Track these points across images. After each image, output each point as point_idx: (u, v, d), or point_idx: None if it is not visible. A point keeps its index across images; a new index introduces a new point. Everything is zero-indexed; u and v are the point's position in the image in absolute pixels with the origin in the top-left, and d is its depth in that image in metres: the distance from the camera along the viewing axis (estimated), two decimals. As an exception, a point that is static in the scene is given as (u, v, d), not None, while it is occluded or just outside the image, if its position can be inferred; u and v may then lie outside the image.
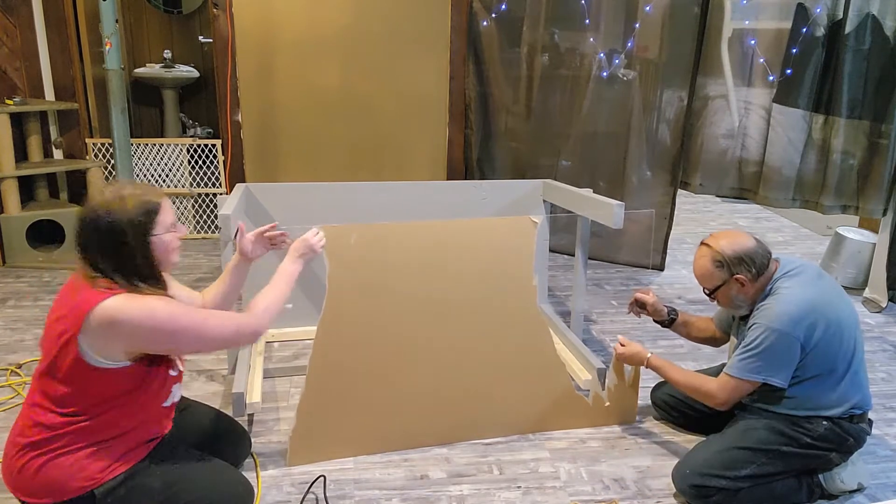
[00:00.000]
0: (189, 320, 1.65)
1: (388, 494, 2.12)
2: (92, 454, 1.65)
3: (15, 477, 1.65)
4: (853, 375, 2.07)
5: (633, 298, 2.49)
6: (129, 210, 1.61)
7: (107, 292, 1.58)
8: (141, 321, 1.57)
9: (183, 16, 5.55)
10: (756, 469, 2.05)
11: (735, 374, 2.06)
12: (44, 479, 1.62)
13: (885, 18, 3.40)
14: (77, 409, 1.62)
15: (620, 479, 2.23)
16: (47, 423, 1.62)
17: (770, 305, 2.04)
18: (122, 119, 2.99)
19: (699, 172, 3.92)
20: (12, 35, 3.90)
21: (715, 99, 3.82)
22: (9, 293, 3.54)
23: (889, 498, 2.16)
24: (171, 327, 1.62)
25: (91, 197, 1.65)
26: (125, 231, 1.60)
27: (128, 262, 1.62)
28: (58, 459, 1.62)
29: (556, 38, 4.11)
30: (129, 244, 1.61)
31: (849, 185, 3.66)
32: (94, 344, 1.57)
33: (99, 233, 1.60)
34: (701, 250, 2.16)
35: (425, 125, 4.33)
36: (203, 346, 1.79)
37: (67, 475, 1.62)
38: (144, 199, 1.64)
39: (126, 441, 1.70)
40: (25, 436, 1.64)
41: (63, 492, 1.63)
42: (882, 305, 3.67)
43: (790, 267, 2.11)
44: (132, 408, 1.68)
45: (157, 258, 1.66)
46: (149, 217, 1.63)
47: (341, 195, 3.06)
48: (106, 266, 1.61)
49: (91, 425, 1.64)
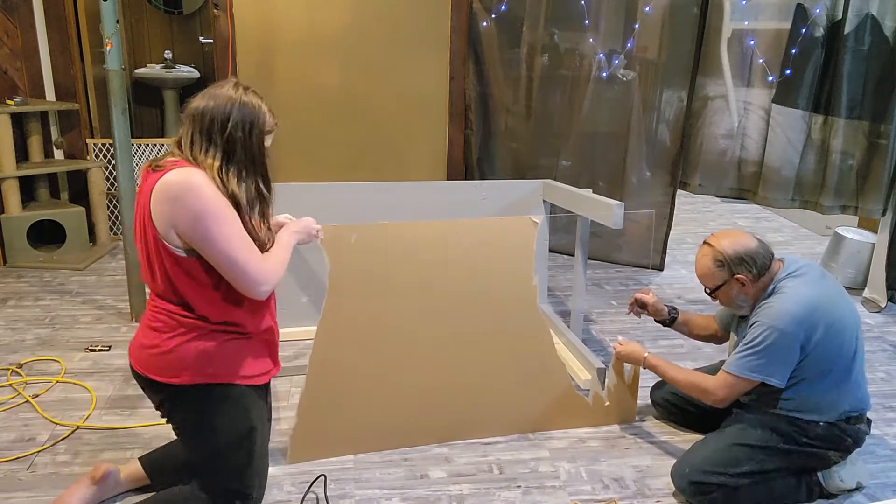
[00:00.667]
0: (229, 230, 1.68)
1: (389, 494, 2.13)
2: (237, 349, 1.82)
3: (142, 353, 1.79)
4: (852, 377, 2.07)
5: (632, 299, 2.50)
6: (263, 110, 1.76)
7: (167, 168, 1.67)
8: (193, 202, 1.65)
9: (183, 16, 5.55)
10: (755, 466, 2.06)
11: (733, 372, 2.06)
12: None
13: (884, 19, 3.41)
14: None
15: (620, 478, 2.24)
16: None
17: (772, 304, 2.05)
18: (122, 119, 2.99)
19: (698, 172, 3.92)
20: (13, 35, 3.90)
21: (714, 99, 3.82)
22: (9, 293, 3.54)
23: (888, 497, 2.17)
24: (212, 222, 1.66)
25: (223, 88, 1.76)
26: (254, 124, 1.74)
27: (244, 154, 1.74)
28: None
29: (556, 38, 4.11)
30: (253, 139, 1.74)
31: (848, 186, 3.67)
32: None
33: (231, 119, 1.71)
34: (703, 249, 2.17)
35: (425, 125, 4.33)
36: (224, 260, 1.71)
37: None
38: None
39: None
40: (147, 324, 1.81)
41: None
42: (881, 305, 3.67)
43: (794, 267, 2.11)
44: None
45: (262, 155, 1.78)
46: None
47: (341, 195, 3.06)
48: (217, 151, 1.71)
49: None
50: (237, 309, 1.80)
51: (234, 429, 1.80)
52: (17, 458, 2.24)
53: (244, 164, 1.74)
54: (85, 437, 2.37)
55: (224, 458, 1.81)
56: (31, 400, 2.57)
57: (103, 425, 2.44)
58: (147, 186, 1.70)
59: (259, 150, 1.76)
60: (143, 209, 1.71)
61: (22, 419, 2.46)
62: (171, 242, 1.69)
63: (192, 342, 1.75)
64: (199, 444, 1.83)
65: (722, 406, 2.13)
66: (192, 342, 1.75)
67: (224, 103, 1.72)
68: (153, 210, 1.67)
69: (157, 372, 1.76)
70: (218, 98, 1.73)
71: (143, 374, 1.79)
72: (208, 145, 1.71)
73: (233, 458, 1.81)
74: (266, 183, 1.79)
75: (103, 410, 2.53)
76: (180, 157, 1.73)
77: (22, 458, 2.24)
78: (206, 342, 1.76)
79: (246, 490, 1.83)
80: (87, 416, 2.48)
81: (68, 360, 2.87)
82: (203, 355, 1.76)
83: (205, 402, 1.79)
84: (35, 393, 2.63)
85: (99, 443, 2.34)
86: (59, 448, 2.31)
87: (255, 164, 1.76)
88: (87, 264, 3.95)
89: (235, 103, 1.72)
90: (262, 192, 1.78)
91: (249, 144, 1.74)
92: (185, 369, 1.76)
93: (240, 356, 1.82)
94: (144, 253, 1.76)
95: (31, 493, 2.09)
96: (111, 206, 4.36)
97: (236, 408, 1.81)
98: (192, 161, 1.71)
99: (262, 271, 1.73)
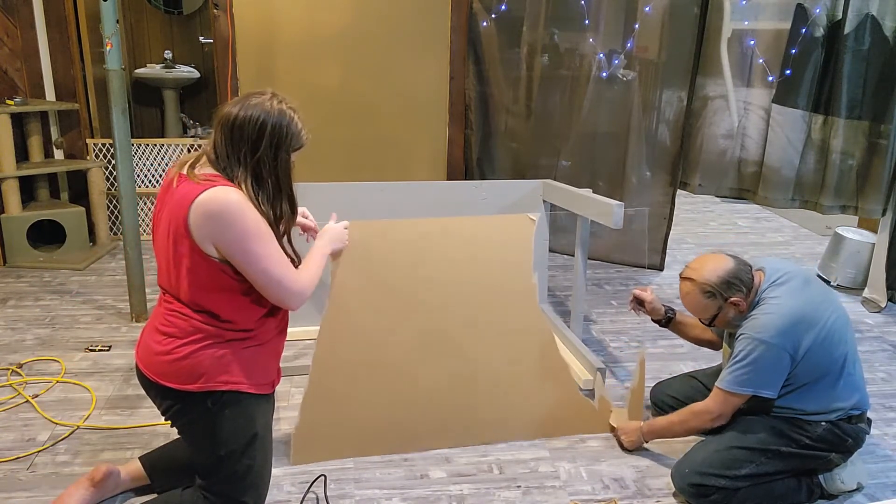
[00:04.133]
0: (267, 249, 1.71)
1: (389, 494, 2.13)
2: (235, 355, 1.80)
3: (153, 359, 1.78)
4: (847, 378, 2.07)
5: (632, 295, 2.50)
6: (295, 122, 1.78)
7: (208, 184, 1.67)
8: (234, 220, 1.66)
9: (183, 16, 5.55)
10: (755, 469, 2.05)
11: (724, 388, 2.07)
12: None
13: (884, 19, 3.40)
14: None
15: (620, 478, 2.24)
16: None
17: (756, 317, 2.04)
18: (122, 119, 2.99)
19: (698, 173, 3.92)
20: (13, 35, 3.90)
21: (714, 99, 3.82)
22: (9, 293, 3.54)
23: (888, 497, 2.17)
24: (254, 243, 1.69)
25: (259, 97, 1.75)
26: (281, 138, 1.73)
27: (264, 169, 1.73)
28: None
29: (556, 38, 4.11)
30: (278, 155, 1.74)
31: (848, 186, 3.66)
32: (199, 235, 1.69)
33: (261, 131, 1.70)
34: (685, 286, 2.14)
35: (425, 125, 4.33)
36: (262, 276, 1.75)
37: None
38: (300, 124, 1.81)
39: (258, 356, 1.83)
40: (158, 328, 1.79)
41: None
42: (881, 305, 3.67)
43: (776, 276, 2.09)
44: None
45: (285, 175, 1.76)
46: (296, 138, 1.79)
47: (341, 195, 3.06)
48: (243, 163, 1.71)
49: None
50: (260, 316, 1.82)
51: (238, 436, 1.80)
52: (17, 458, 2.24)
53: (272, 186, 1.74)
54: (85, 437, 2.37)
55: (227, 465, 1.80)
56: (31, 400, 2.57)
57: (103, 425, 2.44)
58: (181, 195, 1.68)
59: (285, 173, 1.76)
60: (175, 218, 1.69)
61: (22, 419, 2.46)
62: (208, 252, 1.70)
63: (207, 349, 1.75)
64: (202, 450, 1.82)
65: (722, 422, 2.13)
66: (208, 349, 1.75)
67: (256, 119, 1.70)
68: (192, 224, 1.66)
69: (168, 378, 1.76)
70: (249, 109, 1.71)
71: (152, 378, 1.78)
72: (237, 163, 1.71)
73: (236, 465, 1.81)
74: (292, 203, 1.80)
75: (103, 410, 2.53)
76: (216, 170, 1.72)
77: (22, 458, 2.24)
78: (221, 349, 1.76)
79: (247, 497, 1.83)
80: (87, 416, 2.48)
81: (68, 360, 2.88)
82: (217, 363, 1.76)
83: (213, 410, 1.78)
84: (35, 393, 2.63)
85: (99, 443, 2.34)
86: (59, 448, 2.31)
87: (280, 187, 1.76)
88: (87, 264, 3.95)
89: (267, 120, 1.71)
90: (287, 211, 1.79)
91: (275, 166, 1.74)
92: (199, 377, 1.75)
93: (251, 365, 1.82)
94: (170, 259, 1.74)
95: (31, 493, 2.09)
96: (111, 206, 4.36)
97: (243, 416, 1.81)
98: (225, 175, 1.71)
99: (298, 285, 1.78)
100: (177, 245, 1.71)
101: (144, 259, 3.24)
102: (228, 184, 1.69)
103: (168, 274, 1.77)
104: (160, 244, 1.77)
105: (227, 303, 1.76)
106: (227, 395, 1.78)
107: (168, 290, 1.80)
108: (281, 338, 1.94)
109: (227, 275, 1.73)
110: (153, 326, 1.81)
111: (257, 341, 1.84)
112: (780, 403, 2.08)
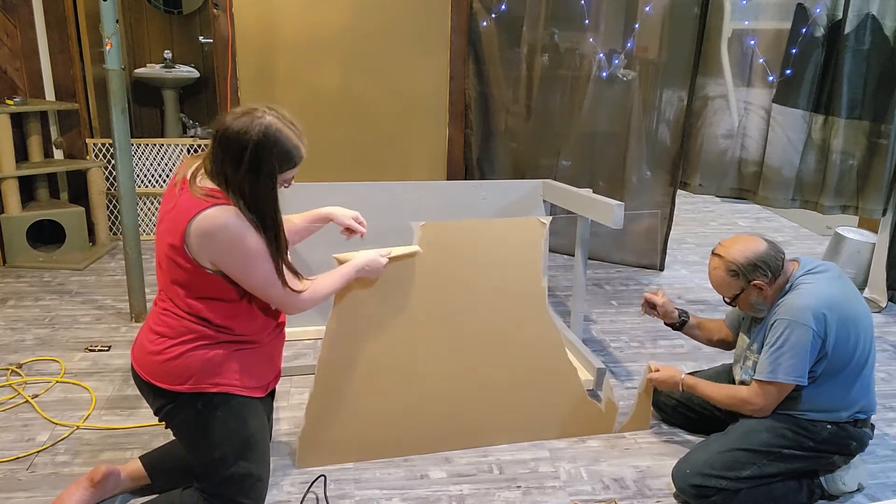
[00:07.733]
0: (265, 268, 1.72)
1: (389, 494, 2.12)
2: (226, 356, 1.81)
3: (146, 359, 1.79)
4: (864, 379, 2.06)
5: (644, 298, 2.47)
6: (291, 141, 1.73)
7: (209, 200, 1.66)
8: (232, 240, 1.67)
9: (183, 16, 5.55)
10: (757, 470, 2.05)
11: (765, 378, 2.03)
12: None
13: (884, 18, 3.40)
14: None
15: (620, 478, 2.23)
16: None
17: (790, 300, 2.03)
18: (122, 119, 2.99)
19: (699, 172, 3.92)
20: (13, 35, 3.90)
21: (714, 99, 3.82)
22: (9, 293, 3.54)
23: (889, 498, 2.16)
24: (251, 264, 1.71)
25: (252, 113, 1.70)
26: (270, 159, 1.69)
27: (253, 187, 1.69)
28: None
29: (556, 38, 4.11)
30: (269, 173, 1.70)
31: (848, 186, 3.66)
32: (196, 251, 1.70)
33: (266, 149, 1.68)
34: (713, 261, 2.13)
35: (425, 125, 4.33)
36: (261, 292, 1.78)
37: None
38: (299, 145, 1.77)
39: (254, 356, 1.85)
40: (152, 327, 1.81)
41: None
42: (881, 305, 3.67)
43: (812, 266, 2.10)
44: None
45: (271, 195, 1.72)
46: (290, 161, 1.75)
47: (341, 195, 3.06)
48: (235, 180, 1.68)
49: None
50: (255, 321, 1.82)
51: (231, 439, 1.80)
52: (17, 458, 2.24)
53: (258, 213, 1.70)
54: (85, 438, 2.37)
55: (222, 467, 1.80)
56: (30, 400, 2.57)
57: (103, 425, 2.44)
58: (182, 208, 1.67)
59: (265, 199, 1.70)
60: (174, 231, 1.68)
61: (22, 419, 2.46)
62: (205, 266, 1.70)
63: (198, 350, 1.75)
64: (196, 451, 1.82)
65: (763, 415, 2.09)
66: (199, 350, 1.75)
67: (239, 139, 1.66)
68: (190, 242, 1.66)
69: (159, 378, 1.76)
70: (238, 126, 1.66)
71: (145, 378, 1.78)
72: (224, 181, 1.69)
73: (231, 467, 1.80)
74: (276, 232, 1.74)
75: (103, 411, 2.53)
76: (214, 185, 1.70)
77: (22, 459, 2.24)
78: (213, 351, 1.77)
79: (246, 499, 1.83)
80: (87, 417, 2.48)
81: (68, 361, 2.87)
82: (208, 364, 1.76)
83: (204, 411, 1.78)
84: (35, 393, 2.62)
85: (99, 443, 2.34)
86: (59, 448, 2.30)
87: (264, 214, 1.71)
88: (87, 264, 3.95)
89: (248, 143, 1.65)
90: (272, 239, 1.74)
91: (255, 191, 1.69)
92: (189, 377, 1.75)
93: (244, 367, 1.82)
94: (167, 262, 1.74)
95: (31, 493, 2.08)
96: (111, 206, 4.36)
97: (235, 418, 1.81)
98: (222, 192, 1.70)
99: (299, 302, 1.83)
100: (174, 254, 1.71)
101: (144, 259, 3.23)
102: (227, 202, 1.68)
103: (164, 275, 1.78)
104: (160, 244, 1.77)
105: (223, 310, 1.76)
106: (218, 397, 1.78)
107: (164, 289, 1.80)
108: (278, 340, 1.94)
109: (223, 285, 1.73)
110: (148, 325, 1.82)
111: (252, 344, 1.84)
112: (790, 396, 2.05)
